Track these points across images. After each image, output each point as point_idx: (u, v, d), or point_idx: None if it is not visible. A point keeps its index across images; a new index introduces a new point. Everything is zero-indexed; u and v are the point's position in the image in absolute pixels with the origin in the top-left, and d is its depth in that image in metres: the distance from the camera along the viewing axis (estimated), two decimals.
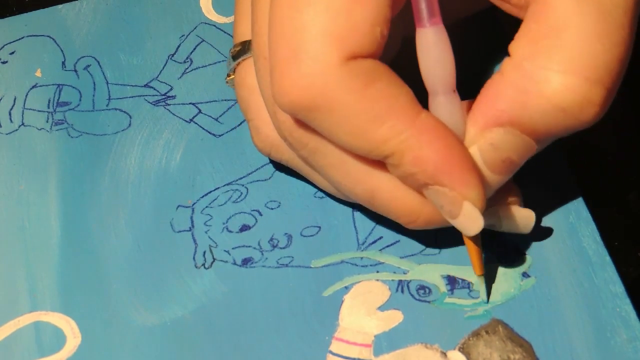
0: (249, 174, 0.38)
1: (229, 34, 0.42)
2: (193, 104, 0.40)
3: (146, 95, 0.40)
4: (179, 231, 0.36)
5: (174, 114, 0.40)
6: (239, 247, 0.36)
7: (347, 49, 0.28)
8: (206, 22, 0.42)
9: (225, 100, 0.40)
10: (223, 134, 0.39)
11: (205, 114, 0.40)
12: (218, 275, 0.35)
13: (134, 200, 0.37)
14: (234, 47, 0.35)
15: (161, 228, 0.36)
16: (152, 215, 0.37)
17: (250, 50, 0.34)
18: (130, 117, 0.40)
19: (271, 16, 0.29)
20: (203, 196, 0.37)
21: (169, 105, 0.40)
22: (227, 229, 0.36)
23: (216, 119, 0.39)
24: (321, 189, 0.36)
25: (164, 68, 0.41)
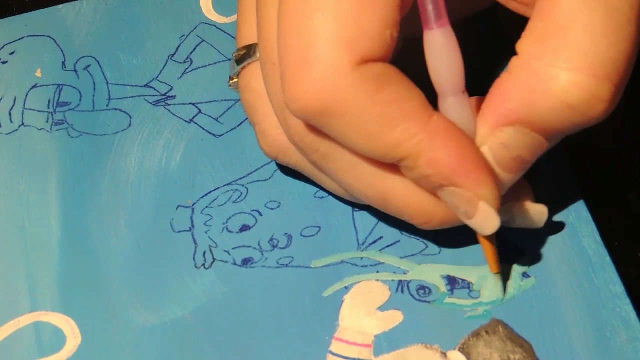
0: (249, 174, 0.38)
1: (229, 34, 0.42)
2: (193, 104, 0.40)
3: (146, 95, 0.40)
4: (178, 231, 0.36)
5: (173, 114, 0.40)
6: (238, 247, 0.36)
7: (357, 53, 0.28)
8: (206, 22, 0.42)
9: (225, 100, 0.40)
10: (223, 134, 0.39)
11: (205, 114, 0.40)
12: (218, 275, 0.35)
13: (133, 200, 0.37)
14: (238, 50, 0.35)
15: (161, 228, 0.36)
16: (152, 215, 0.37)
17: (255, 54, 0.34)
18: (130, 117, 0.40)
19: (280, 22, 0.29)
20: (203, 196, 0.37)
21: (169, 105, 0.40)
22: (227, 229, 0.36)
23: (216, 119, 0.39)
24: (327, 191, 0.36)
25: (163, 68, 0.41)
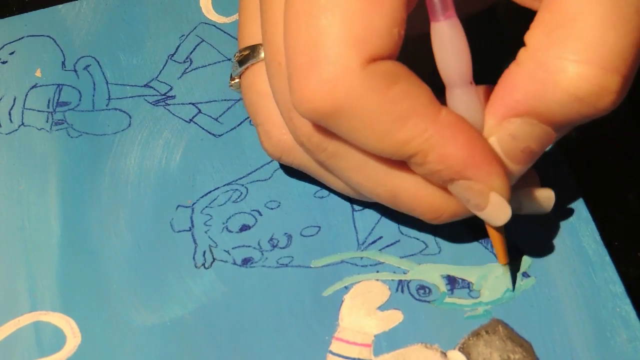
0: (249, 173, 0.38)
1: (229, 34, 0.42)
2: (193, 104, 0.40)
3: (146, 95, 0.40)
4: (178, 231, 0.36)
5: (173, 114, 0.40)
6: (238, 247, 0.36)
7: (366, 52, 0.28)
8: (206, 22, 0.42)
9: (225, 100, 0.40)
10: (223, 134, 0.39)
11: (205, 114, 0.40)
12: (218, 275, 0.35)
13: (133, 200, 0.37)
14: (241, 51, 0.35)
15: (161, 228, 0.36)
16: (152, 215, 0.37)
17: (259, 55, 0.34)
18: (130, 117, 0.40)
19: (287, 23, 0.29)
20: (203, 196, 0.37)
21: (169, 105, 0.40)
22: (227, 228, 0.36)
23: (216, 119, 0.39)
24: (329, 190, 0.35)
25: (163, 68, 0.41)
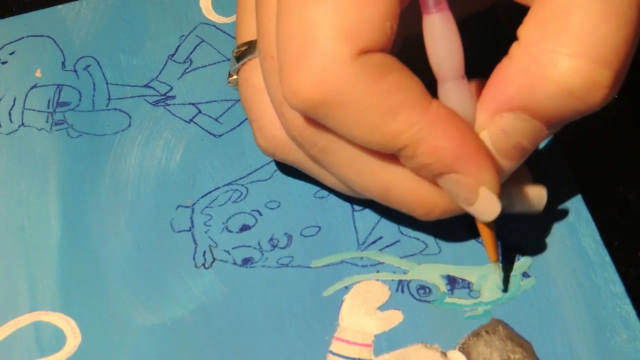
0: (249, 174, 0.38)
1: (229, 34, 0.42)
2: (193, 104, 0.40)
3: (146, 96, 0.40)
4: (179, 231, 0.36)
5: (173, 114, 0.40)
6: (239, 247, 0.36)
7: (358, 44, 0.28)
8: (206, 23, 0.42)
9: (225, 101, 0.40)
10: (223, 134, 0.39)
11: (205, 114, 0.40)
12: (218, 275, 0.35)
13: (133, 200, 0.37)
14: (238, 47, 0.35)
15: (161, 228, 0.36)
16: (152, 215, 0.37)
17: (255, 50, 0.34)
18: (130, 117, 0.40)
19: (279, 14, 0.29)
20: (203, 196, 0.37)
21: (169, 105, 0.40)
22: (227, 229, 0.36)
23: (216, 119, 0.39)
24: (327, 188, 0.35)
25: (163, 68, 0.41)
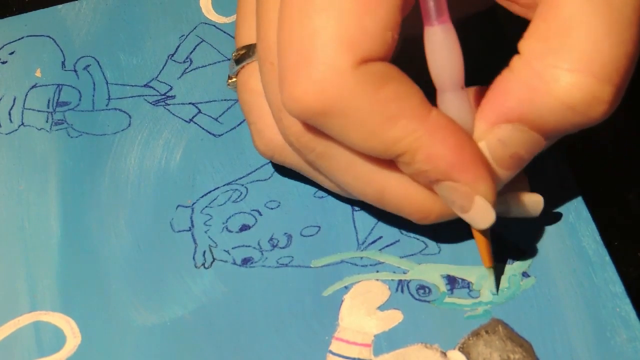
0: (249, 173, 0.38)
1: (229, 34, 0.42)
2: (193, 104, 0.40)
3: (146, 95, 0.40)
4: (178, 231, 0.36)
5: (173, 114, 0.40)
6: (238, 246, 0.36)
7: (358, 53, 0.28)
8: (206, 22, 0.42)
9: (225, 100, 0.40)
10: (223, 133, 0.39)
11: (205, 114, 0.40)
12: (218, 275, 0.35)
13: (133, 200, 0.37)
14: (237, 50, 0.35)
15: (161, 228, 0.36)
16: (152, 215, 0.37)
17: (254, 54, 0.34)
18: (130, 117, 0.40)
19: (280, 22, 0.29)
20: (203, 196, 0.37)
21: (169, 105, 0.40)
22: (227, 228, 0.36)
23: (216, 118, 0.39)
24: (325, 190, 0.36)
25: (163, 68, 0.41)
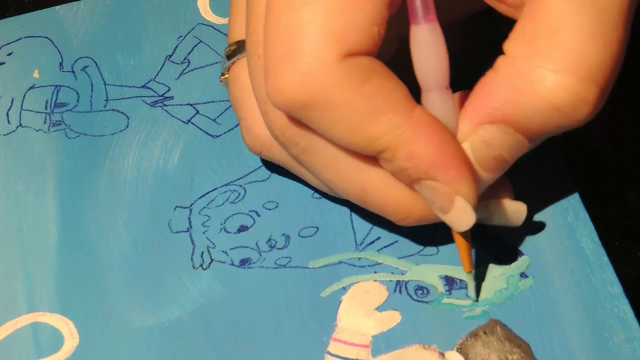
0: (247, 174, 0.38)
1: (227, 34, 0.42)
2: (191, 105, 0.40)
3: (144, 96, 0.40)
4: (176, 232, 0.36)
5: (171, 115, 0.40)
6: (236, 247, 0.36)
7: (344, 46, 0.28)
8: (203, 23, 0.42)
9: (222, 101, 0.40)
10: (221, 134, 0.39)
11: (202, 115, 0.40)
12: (216, 276, 0.35)
13: (131, 201, 0.37)
14: (229, 46, 0.35)
15: (159, 229, 0.36)
16: (150, 216, 0.37)
17: (244, 49, 0.34)
18: (127, 118, 0.40)
19: (268, 14, 0.29)
20: (201, 197, 0.37)
21: (167, 106, 0.40)
22: (225, 229, 0.36)
23: (214, 119, 0.39)
24: (314, 188, 0.36)
25: (161, 69, 0.41)
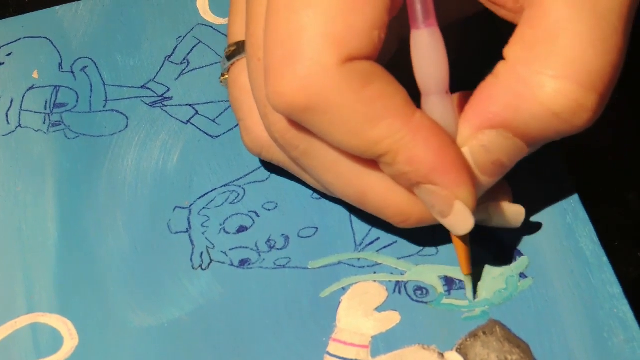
0: (246, 175, 0.38)
1: (226, 35, 0.42)
2: (190, 105, 0.40)
3: (143, 97, 0.40)
4: (176, 232, 0.36)
5: (171, 115, 0.40)
6: (236, 248, 0.36)
7: (345, 51, 0.28)
8: (203, 24, 0.42)
9: (222, 102, 0.40)
10: (220, 135, 0.39)
11: (202, 115, 0.40)
12: (215, 277, 0.35)
13: (131, 201, 0.37)
14: (229, 47, 0.35)
15: (158, 229, 0.36)
16: (149, 217, 0.37)
17: (244, 50, 0.34)
18: (127, 119, 0.40)
19: (268, 17, 0.29)
20: (200, 197, 0.37)
21: (166, 106, 0.40)
22: (224, 230, 0.36)
23: (213, 120, 0.39)
24: (314, 188, 0.36)
25: (160, 69, 0.41)
